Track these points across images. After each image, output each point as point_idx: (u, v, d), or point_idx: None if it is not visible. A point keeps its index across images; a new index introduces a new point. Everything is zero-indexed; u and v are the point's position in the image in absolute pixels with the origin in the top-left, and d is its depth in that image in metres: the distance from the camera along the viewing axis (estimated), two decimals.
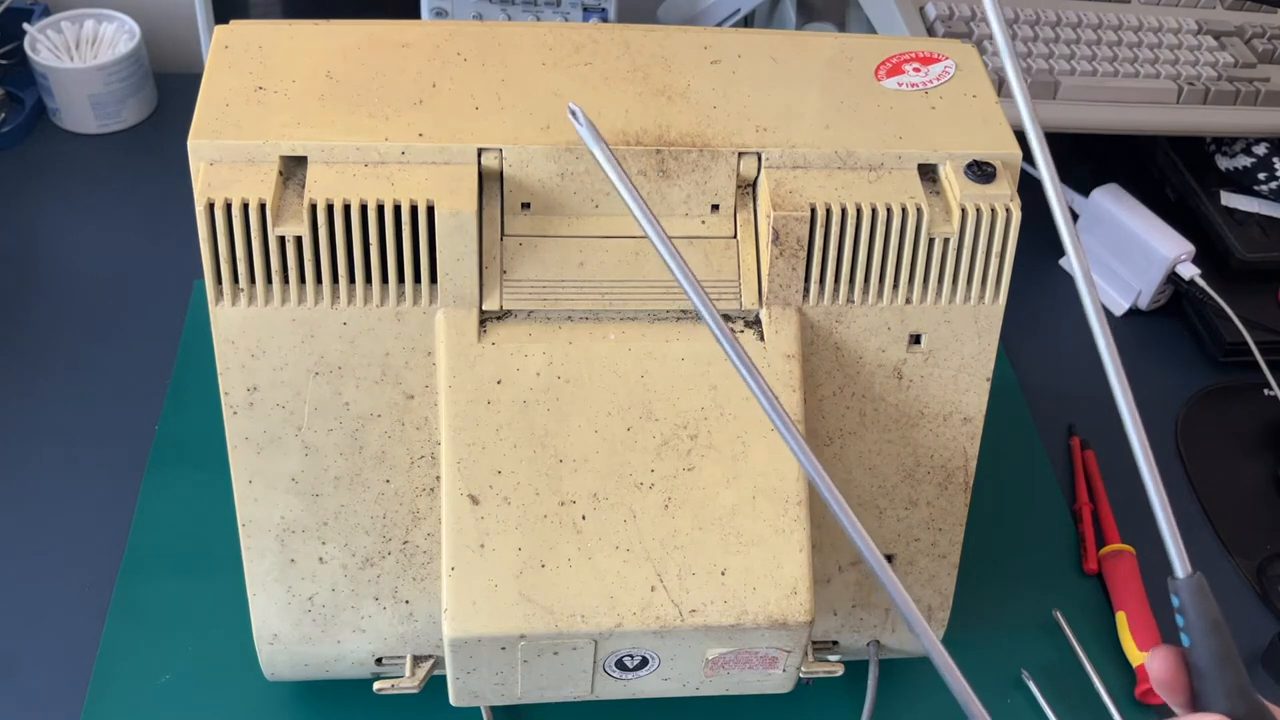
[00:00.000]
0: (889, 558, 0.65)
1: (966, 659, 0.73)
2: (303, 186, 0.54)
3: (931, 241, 0.58)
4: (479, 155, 0.56)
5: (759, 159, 0.58)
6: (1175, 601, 0.46)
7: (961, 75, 0.62)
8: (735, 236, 0.59)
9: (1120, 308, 0.97)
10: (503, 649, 0.55)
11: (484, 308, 0.57)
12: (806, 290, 0.58)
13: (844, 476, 0.62)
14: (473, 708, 0.67)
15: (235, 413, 0.57)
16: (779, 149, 0.57)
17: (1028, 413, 0.88)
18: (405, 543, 0.60)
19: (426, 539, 0.60)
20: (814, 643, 0.67)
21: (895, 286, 0.59)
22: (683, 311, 0.58)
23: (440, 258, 0.55)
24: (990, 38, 0.94)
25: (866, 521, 0.63)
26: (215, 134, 0.54)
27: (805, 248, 0.57)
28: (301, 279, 0.55)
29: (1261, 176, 0.99)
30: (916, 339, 0.60)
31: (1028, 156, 0.60)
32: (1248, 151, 1.00)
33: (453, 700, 0.58)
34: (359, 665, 0.64)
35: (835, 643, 0.67)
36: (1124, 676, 0.74)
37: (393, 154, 0.55)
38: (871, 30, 0.95)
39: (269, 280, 0.55)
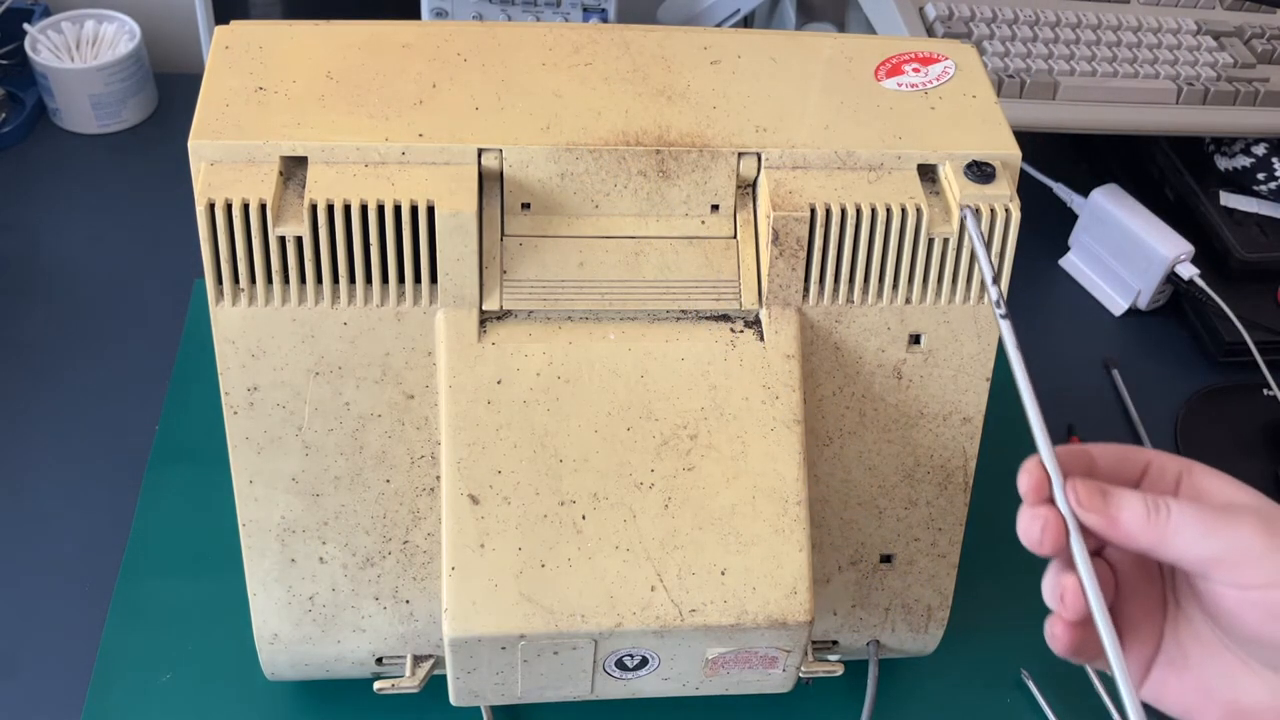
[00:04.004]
0: (888, 557, 0.65)
1: (966, 659, 0.73)
2: (303, 186, 0.54)
3: (931, 241, 0.58)
4: (479, 155, 0.56)
5: (759, 159, 0.58)
6: None
7: (961, 75, 0.62)
8: (735, 237, 0.59)
9: (1119, 308, 0.97)
10: (503, 649, 0.55)
11: (484, 308, 0.57)
12: (806, 290, 0.58)
13: (844, 476, 0.62)
14: (473, 707, 0.67)
15: (235, 413, 0.57)
16: (779, 149, 0.57)
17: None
18: (405, 542, 0.60)
19: (427, 539, 0.60)
20: (814, 642, 0.67)
21: (895, 286, 0.59)
22: (682, 311, 0.58)
23: (440, 258, 0.55)
24: (990, 38, 0.94)
25: (866, 521, 0.64)
26: (215, 134, 0.54)
27: (805, 248, 0.57)
28: (302, 279, 0.55)
29: (1261, 176, 0.99)
30: (916, 339, 0.60)
31: (1028, 156, 0.60)
32: (1247, 152, 1.00)
33: (453, 700, 0.58)
34: (359, 665, 0.64)
35: (835, 642, 0.67)
36: None
37: (393, 154, 0.55)
38: (871, 30, 0.95)
39: (269, 280, 0.55)
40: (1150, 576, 0.48)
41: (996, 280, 0.51)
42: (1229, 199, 1.00)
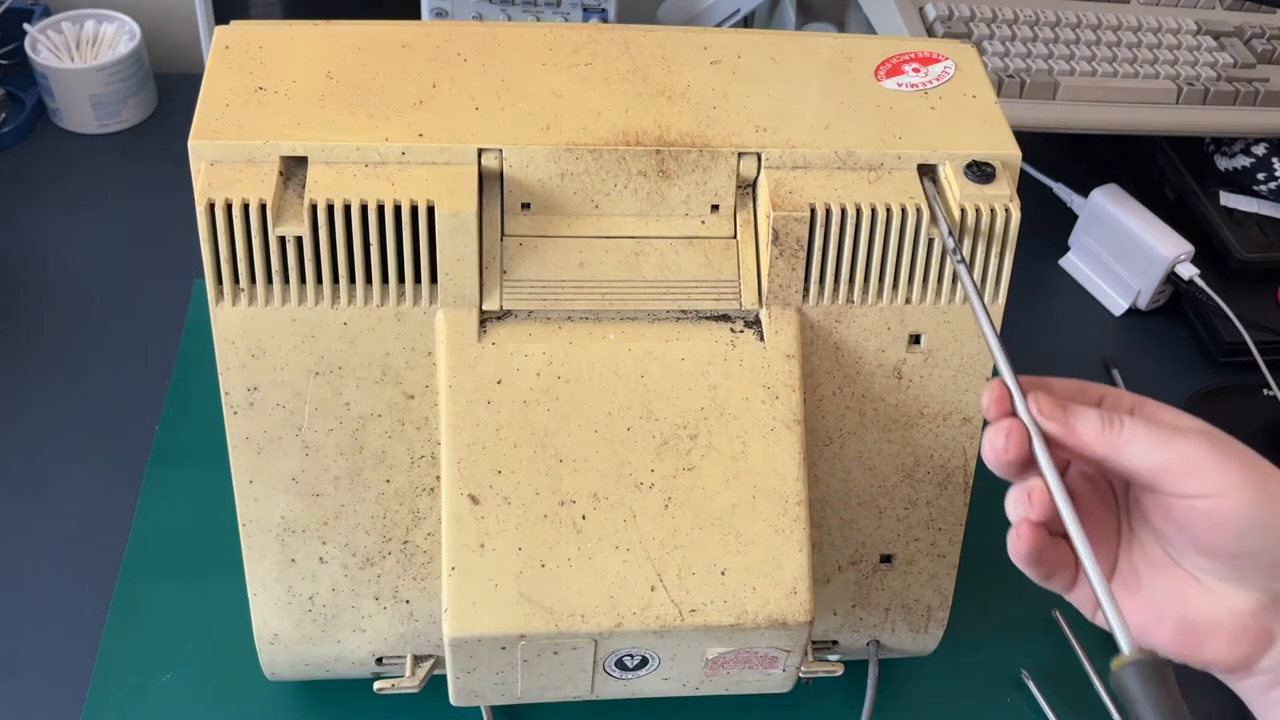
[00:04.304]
0: (888, 557, 0.65)
1: (966, 659, 0.73)
2: (303, 186, 0.54)
3: (931, 241, 0.58)
4: (479, 155, 0.56)
5: (759, 159, 0.58)
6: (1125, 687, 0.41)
7: (961, 75, 0.62)
8: (735, 237, 0.59)
9: (1119, 308, 0.97)
10: (503, 649, 0.55)
11: (484, 308, 0.57)
12: (806, 290, 0.58)
13: (844, 476, 0.62)
14: (473, 707, 0.67)
15: (235, 413, 0.57)
16: (779, 149, 0.57)
17: None
18: (405, 542, 0.60)
19: (427, 539, 0.60)
20: (814, 642, 0.67)
21: (895, 286, 0.59)
22: (682, 311, 0.58)
23: (440, 258, 0.55)
24: (990, 38, 0.94)
25: (866, 521, 0.64)
26: (215, 134, 0.54)
27: (805, 248, 0.57)
28: (302, 279, 0.55)
29: (1260, 176, 0.99)
30: (916, 339, 0.60)
31: (1028, 156, 0.60)
32: (1247, 152, 1.00)
33: (453, 700, 0.58)
34: (359, 665, 0.64)
35: (835, 643, 0.67)
36: None
37: (393, 154, 0.55)
38: (871, 30, 0.95)
39: (269, 280, 0.55)
40: (1105, 505, 0.50)
41: (953, 233, 0.55)
42: (1229, 199, 1.00)
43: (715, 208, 0.59)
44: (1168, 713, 0.39)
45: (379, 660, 0.64)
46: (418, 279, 0.56)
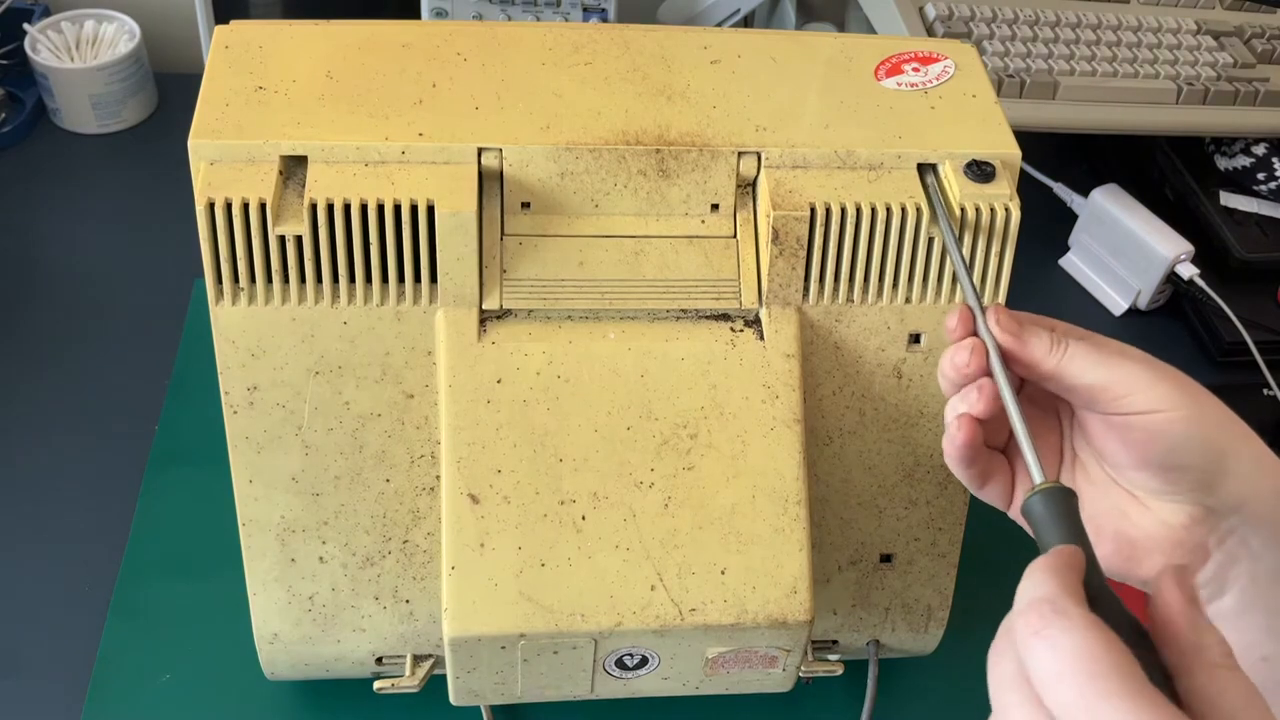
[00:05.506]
0: (888, 557, 0.65)
1: (967, 659, 0.73)
2: (303, 186, 0.54)
3: (931, 241, 0.58)
4: (479, 155, 0.56)
5: (759, 159, 0.58)
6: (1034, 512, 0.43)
7: (961, 75, 0.62)
8: (735, 236, 0.59)
9: (1119, 308, 0.97)
10: (503, 648, 0.55)
11: (484, 307, 0.57)
12: (806, 290, 0.58)
13: (844, 476, 0.62)
14: (473, 707, 0.67)
15: (235, 412, 0.57)
16: (779, 149, 0.57)
17: None
18: (405, 542, 0.60)
19: (427, 538, 0.60)
20: (814, 642, 0.67)
21: (895, 286, 0.59)
22: (682, 311, 0.58)
23: (440, 257, 0.55)
24: (990, 38, 0.94)
25: (866, 521, 0.63)
26: (215, 134, 0.54)
27: (805, 247, 0.57)
28: (301, 278, 0.55)
29: (1261, 176, 0.99)
30: (916, 338, 0.60)
31: (1028, 156, 0.60)
32: (1247, 151, 1.00)
33: (453, 699, 0.58)
34: (359, 665, 0.64)
35: (835, 642, 0.67)
36: None
37: (393, 154, 0.55)
38: (871, 30, 0.95)
39: (269, 280, 0.55)
40: (1051, 430, 0.53)
41: (950, 223, 0.56)
42: (1229, 199, 1.00)
43: (715, 207, 0.59)
44: (1066, 533, 0.41)
45: (379, 660, 0.64)
46: (417, 278, 0.56)
